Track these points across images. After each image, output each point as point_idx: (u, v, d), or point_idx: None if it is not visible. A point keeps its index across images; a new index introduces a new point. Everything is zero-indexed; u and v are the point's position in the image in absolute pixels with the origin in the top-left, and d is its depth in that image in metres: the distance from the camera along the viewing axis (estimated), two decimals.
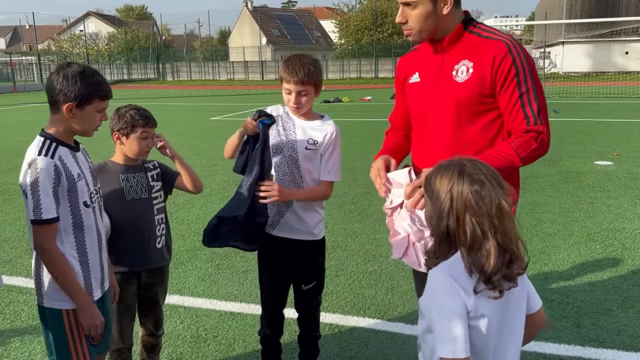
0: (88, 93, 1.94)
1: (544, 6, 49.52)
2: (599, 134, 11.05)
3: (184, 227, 5.44)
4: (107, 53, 55.60)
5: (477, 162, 1.51)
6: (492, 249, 1.41)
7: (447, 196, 1.46)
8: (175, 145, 2.91)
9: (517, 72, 1.95)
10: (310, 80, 2.44)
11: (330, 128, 2.56)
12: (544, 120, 1.98)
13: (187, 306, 3.70)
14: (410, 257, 2.03)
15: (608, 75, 31.94)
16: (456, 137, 2.05)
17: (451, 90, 2.03)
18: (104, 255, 2.14)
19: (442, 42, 2.06)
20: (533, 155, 1.98)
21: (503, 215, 1.43)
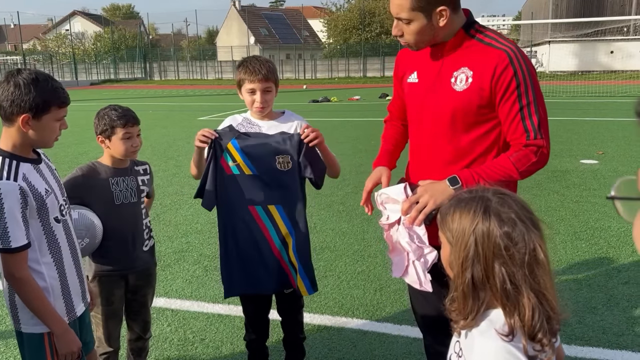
0: (44, 101, 1.78)
1: (531, 6, 49.92)
2: (585, 132, 11.16)
3: (171, 229, 5.40)
4: (93, 52, 55.09)
5: (505, 196, 1.27)
6: (527, 304, 1.19)
7: (471, 239, 1.23)
8: (163, 146, 2.90)
9: (518, 84, 1.89)
10: (272, 77, 2.47)
11: (296, 118, 2.60)
12: (544, 134, 1.93)
13: (174, 309, 3.68)
14: (410, 276, 1.99)
15: (593, 75, 32.28)
16: (451, 145, 2.02)
17: (448, 98, 1.98)
18: (82, 266, 2.06)
19: (443, 47, 2.01)
20: (532, 169, 1.95)
21: (539, 264, 1.20)
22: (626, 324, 3.31)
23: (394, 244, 2.04)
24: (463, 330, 1.32)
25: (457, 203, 1.30)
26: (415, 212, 1.88)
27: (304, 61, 47.63)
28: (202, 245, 4.91)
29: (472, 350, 1.28)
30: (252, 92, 2.46)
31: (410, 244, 1.93)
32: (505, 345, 1.20)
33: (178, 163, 8.73)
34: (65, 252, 1.92)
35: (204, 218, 5.73)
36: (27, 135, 1.81)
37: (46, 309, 1.84)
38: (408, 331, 3.27)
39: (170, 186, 7.06)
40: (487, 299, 1.26)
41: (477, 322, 1.27)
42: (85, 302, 2.06)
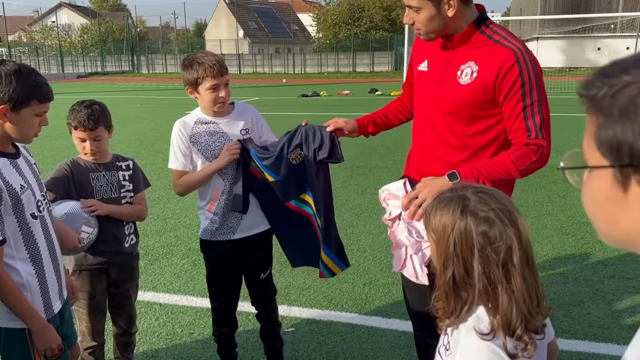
0: (25, 94, 1.72)
1: (519, 2, 50.14)
2: (573, 128, 11.26)
3: (159, 223, 5.37)
4: (80, 45, 54.44)
5: (483, 194, 1.27)
6: (504, 302, 1.20)
7: (450, 238, 1.24)
8: (150, 139, 2.87)
9: (522, 83, 1.91)
10: (227, 69, 2.44)
11: (249, 109, 2.60)
12: (545, 134, 1.95)
13: (162, 303, 3.66)
14: (408, 269, 2.01)
15: (581, 71, 32.54)
16: (452, 136, 2.04)
17: (452, 90, 2.01)
18: (60, 263, 2.00)
19: (452, 40, 2.03)
20: (531, 168, 1.97)
21: (514, 264, 1.21)
22: (611, 317, 3.35)
23: (396, 238, 2.06)
24: (449, 327, 1.33)
25: (439, 202, 1.30)
26: (414, 207, 1.89)
27: (294, 55, 47.47)
28: (191, 240, 4.89)
29: (458, 346, 1.29)
30: (215, 89, 2.37)
31: (408, 238, 1.96)
32: (488, 344, 1.21)
33: (166, 157, 8.58)
34: (42, 248, 1.87)
35: (192, 212, 5.69)
36: (3, 128, 1.76)
37: (22, 305, 1.79)
38: (397, 324, 3.28)
39: (159, 180, 7.00)
40: (471, 298, 1.26)
41: (464, 318, 1.28)
42: (62, 299, 2.00)
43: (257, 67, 47.04)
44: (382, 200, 2.11)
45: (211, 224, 2.57)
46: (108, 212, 2.46)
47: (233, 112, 2.55)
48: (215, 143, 2.48)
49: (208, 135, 2.48)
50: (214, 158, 2.47)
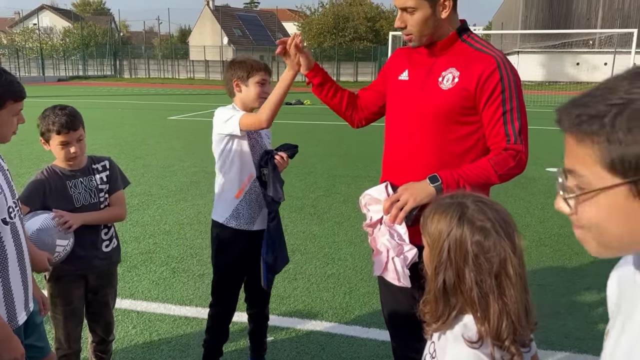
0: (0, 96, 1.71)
1: (501, 16, 51.05)
2: (551, 141, 11.44)
3: (138, 229, 5.30)
4: (62, 48, 53.77)
5: (482, 204, 1.28)
6: (494, 312, 1.21)
7: (445, 244, 1.25)
8: (131, 145, 2.85)
9: (502, 89, 1.94)
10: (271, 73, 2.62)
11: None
12: (523, 140, 1.99)
13: (140, 311, 3.60)
14: (389, 272, 1.99)
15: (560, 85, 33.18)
16: (433, 143, 2.05)
17: (433, 96, 2.03)
18: (29, 273, 1.92)
19: (435, 47, 2.06)
20: (510, 174, 1.99)
21: (508, 276, 1.22)
22: (587, 328, 3.40)
23: (379, 242, 2.04)
24: (436, 333, 1.33)
25: (438, 207, 1.31)
26: (395, 210, 1.89)
27: (278, 63, 47.52)
28: (170, 247, 4.84)
29: (445, 353, 1.29)
30: (263, 83, 2.58)
31: (390, 241, 1.95)
32: (475, 352, 1.22)
33: (147, 162, 8.58)
34: (11, 256, 1.80)
35: (172, 219, 5.64)
36: None
37: None
38: (376, 334, 3.28)
39: (138, 186, 6.93)
40: (460, 305, 1.27)
41: (451, 325, 1.28)
42: (27, 311, 1.91)
43: None
44: (362, 206, 2.10)
45: (236, 212, 2.61)
46: (83, 222, 2.39)
47: None
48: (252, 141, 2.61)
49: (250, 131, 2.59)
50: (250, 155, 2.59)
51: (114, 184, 2.57)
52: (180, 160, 8.90)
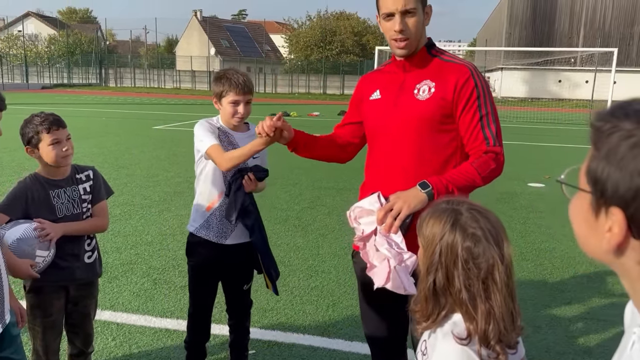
0: None
1: (485, 33, 51.87)
2: (533, 157, 11.61)
3: (120, 240, 5.24)
4: (46, 55, 53.31)
5: (476, 212, 1.34)
6: (481, 314, 1.28)
7: (437, 248, 1.31)
8: (115, 154, 2.84)
9: (478, 95, 2.01)
10: (252, 90, 2.62)
11: None
12: (500, 142, 2.06)
13: (120, 322, 3.55)
14: (394, 282, 1.94)
15: (542, 102, 33.72)
16: (416, 155, 2.08)
17: (413, 108, 2.06)
18: (5, 285, 1.87)
19: (405, 64, 2.11)
20: (491, 175, 2.04)
21: (495, 281, 1.28)
22: (568, 343, 3.43)
23: (372, 257, 2.00)
24: (426, 331, 1.39)
25: (434, 211, 1.38)
26: (390, 218, 1.88)
27: (265, 75, 47.65)
28: (152, 258, 4.78)
29: (434, 350, 1.35)
30: (235, 104, 2.55)
31: (390, 250, 1.92)
32: (463, 348, 1.27)
33: (130, 172, 8.51)
34: None
35: (155, 229, 5.59)
36: None
37: None
38: (359, 348, 3.27)
39: (121, 196, 6.86)
40: (449, 305, 1.33)
41: (441, 323, 1.35)
42: (3, 323, 1.86)
43: None
44: (352, 219, 2.06)
45: (206, 223, 2.66)
46: (64, 233, 2.36)
47: (248, 132, 2.69)
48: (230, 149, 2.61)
49: (227, 143, 2.61)
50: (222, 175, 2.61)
51: (97, 194, 2.54)
52: (164, 170, 8.84)
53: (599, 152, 0.70)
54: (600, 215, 0.71)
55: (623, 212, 0.67)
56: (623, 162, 0.66)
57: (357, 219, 2.04)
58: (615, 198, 0.67)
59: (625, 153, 0.66)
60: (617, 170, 0.67)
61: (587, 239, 0.75)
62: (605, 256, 0.73)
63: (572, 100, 34.83)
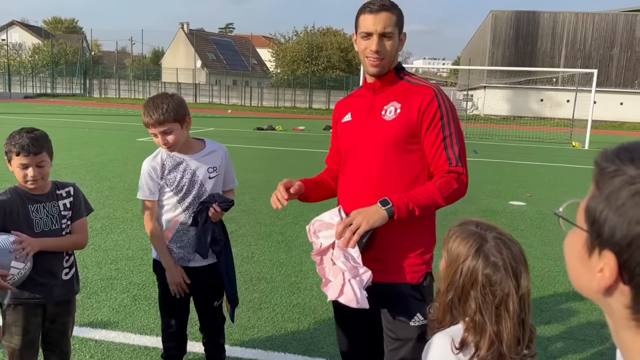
0: None
1: (469, 52, 52.68)
2: (514, 175, 11.75)
3: (100, 254, 5.17)
4: (30, 65, 52.80)
5: (500, 242, 1.43)
6: (487, 337, 1.37)
7: (459, 269, 1.42)
8: (97, 166, 2.84)
9: (441, 116, 2.06)
10: (170, 117, 2.50)
11: (220, 150, 2.78)
12: (463, 163, 2.09)
13: (98, 339, 3.49)
14: (347, 295, 1.97)
15: (525, 120, 34.22)
16: (383, 174, 2.11)
17: (379, 128, 2.11)
18: None
19: (376, 84, 2.18)
20: (453, 196, 2.06)
21: (508, 309, 1.37)
22: None
23: (328, 272, 2.03)
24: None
25: (462, 230, 1.47)
26: (349, 233, 1.91)
27: (251, 88, 47.74)
28: (132, 273, 4.73)
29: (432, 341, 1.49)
30: (155, 135, 2.56)
31: (345, 264, 1.95)
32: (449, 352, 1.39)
33: (112, 185, 8.43)
34: None
35: (136, 244, 5.53)
36: None
37: None
38: None
39: (103, 209, 6.78)
40: (459, 318, 1.46)
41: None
42: None
43: (214, 97, 46.96)
44: (311, 234, 2.08)
45: (168, 248, 2.73)
46: (41, 248, 2.33)
47: (203, 150, 2.71)
48: (183, 179, 2.66)
49: (177, 171, 2.65)
50: (181, 192, 2.66)
51: (77, 211, 2.53)
52: None
53: (600, 192, 0.70)
54: (593, 254, 0.72)
55: (616, 257, 0.68)
56: (623, 208, 0.66)
57: (317, 233, 2.06)
58: (610, 242, 0.68)
59: (626, 200, 0.66)
60: (616, 216, 0.67)
61: (579, 275, 0.76)
62: (594, 295, 0.73)
63: (554, 119, 35.41)
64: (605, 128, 33.29)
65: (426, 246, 2.15)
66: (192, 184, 2.67)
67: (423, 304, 2.10)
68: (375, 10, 2.04)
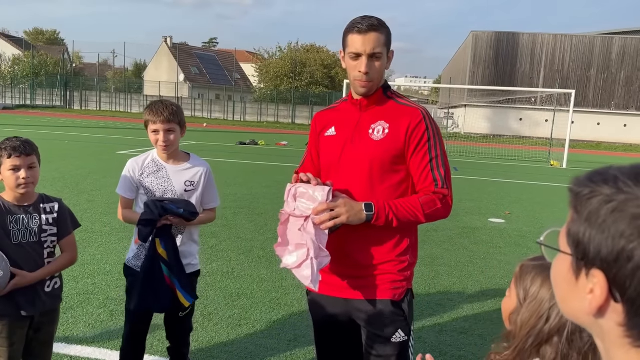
0: None
1: (450, 71, 53.53)
2: (494, 193, 11.90)
3: (77, 269, 5.08)
4: (10, 76, 52.11)
5: None
6: None
7: (545, 315, 1.26)
8: (76, 179, 2.85)
9: (428, 138, 2.09)
10: (175, 119, 2.70)
11: (202, 167, 2.84)
12: (449, 185, 2.12)
13: (73, 355, 3.42)
14: (303, 271, 2.00)
15: (504, 139, 34.75)
16: (366, 192, 2.11)
17: (367, 147, 2.11)
18: None
19: (363, 102, 2.17)
20: (435, 215, 2.09)
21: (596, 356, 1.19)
22: None
23: (292, 237, 2.04)
24: None
25: (543, 270, 1.31)
26: (327, 216, 1.95)
27: (234, 103, 47.74)
28: (110, 288, 4.65)
29: None
30: (156, 132, 2.68)
31: (314, 242, 1.98)
32: None
33: (91, 198, 8.31)
34: None
35: (114, 258, 5.45)
36: None
37: None
38: None
39: (81, 222, 6.65)
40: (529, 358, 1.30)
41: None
42: None
43: (197, 111, 46.82)
44: (291, 195, 2.07)
45: (137, 255, 2.83)
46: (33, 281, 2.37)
47: (186, 163, 2.80)
48: (158, 186, 2.73)
49: (155, 177, 2.73)
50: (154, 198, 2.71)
51: (63, 228, 2.53)
52: None
53: (579, 215, 0.72)
54: (580, 277, 0.73)
55: (604, 275, 0.69)
56: (605, 225, 0.68)
57: (298, 197, 2.06)
58: (597, 260, 0.69)
59: (607, 217, 0.68)
60: (599, 233, 0.69)
61: (568, 300, 0.77)
62: (585, 318, 0.75)
63: (533, 138, 36.05)
64: (582, 147, 33.96)
65: (408, 263, 2.16)
66: (166, 192, 2.73)
67: (404, 321, 2.10)
68: (364, 31, 2.04)
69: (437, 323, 4.32)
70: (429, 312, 4.47)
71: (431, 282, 5.30)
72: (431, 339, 3.99)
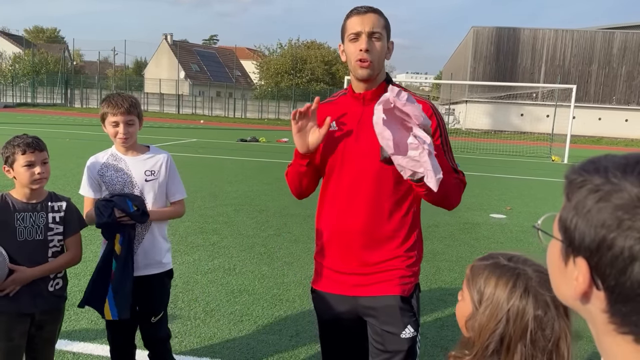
0: None
1: (451, 67, 53.45)
2: (495, 188, 11.90)
3: (79, 266, 5.05)
4: (10, 74, 52.14)
5: (545, 275, 1.18)
6: None
7: (505, 316, 1.17)
8: (77, 176, 2.81)
9: (440, 132, 2.07)
10: (135, 111, 2.68)
11: (163, 156, 2.79)
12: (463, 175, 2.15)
13: (76, 352, 3.44)
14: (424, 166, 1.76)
15: (505, 134, 34.74)
16: (374, 188, 2.08)
17: (373, 143, 2.02)
18: None
19: (366, 95, 2.11)
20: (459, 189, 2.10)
21: (560, 355, 1.14)
22: None
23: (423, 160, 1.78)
24: None
25: (495, 268, 1.23)
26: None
27: (235, 100, 47.73)
28: None
29: None
30: (115, 125, 2.65)
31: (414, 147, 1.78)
32: None
33: None
34: None
35: None
36: None
37: None
38: None
39: None
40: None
41: None
42: None
43: (197, 108, 46.83)
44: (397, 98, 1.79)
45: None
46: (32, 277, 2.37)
47: (145, 154, 2.76)
48: (118, 179, 2.69)
49: (114, 170, 2.69)
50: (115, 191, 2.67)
51: (70, 227, 2.53)
52: None
53: (570, 202, 0.74)
54: (569, 263, 0.75)
55: (587, 263, 0.71)
56: (589, 214, 0.70)
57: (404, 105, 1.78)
58: (581, 248, 0.72)
59: (592, 206, 0.70)
60: (584, 222, 0.71)
61: (559, 284, 0.80)
62: (574, 303, 0.77)
63: (534, 134, 36.02)
64: (584, 143, 33.95)
65: (416, 258, 2.14)
66: (127, 185, 2.66)
67: (413, 316, 2.09)
68: (362, 12, 2.02)
69: (438, 318, 4.33)
70: (431, 307, 4.48)
71: (432, 278, 5.31)
72: (432, 335, 4.00)
